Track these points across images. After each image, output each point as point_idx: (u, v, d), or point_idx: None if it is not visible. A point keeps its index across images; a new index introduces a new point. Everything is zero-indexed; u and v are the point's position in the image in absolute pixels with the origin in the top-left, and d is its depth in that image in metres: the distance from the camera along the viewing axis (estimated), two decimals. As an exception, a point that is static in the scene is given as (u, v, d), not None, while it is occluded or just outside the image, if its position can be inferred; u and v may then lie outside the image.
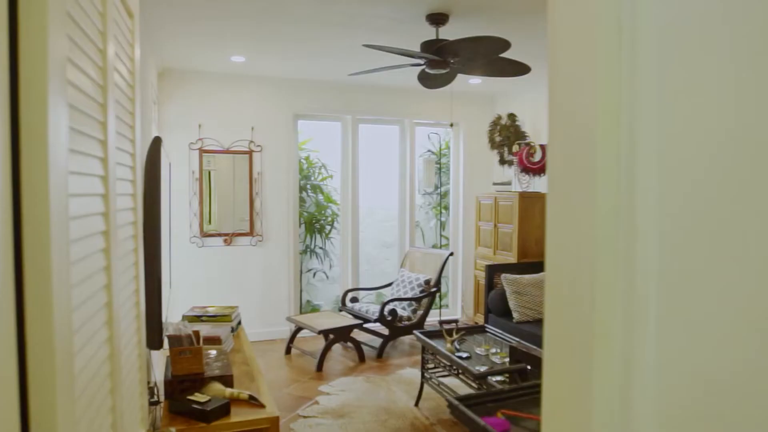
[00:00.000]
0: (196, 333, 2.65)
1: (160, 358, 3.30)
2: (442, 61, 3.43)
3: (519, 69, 3.58)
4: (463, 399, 1.76)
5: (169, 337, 2.51)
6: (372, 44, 3.22)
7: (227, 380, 2.53)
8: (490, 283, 4.95)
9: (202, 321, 3.40)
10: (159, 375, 3.18)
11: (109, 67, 1.13)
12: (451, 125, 6.10)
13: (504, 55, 3.50)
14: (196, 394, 2.34)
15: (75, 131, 0.89)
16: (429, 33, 3.68)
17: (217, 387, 2.45)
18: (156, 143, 2.14)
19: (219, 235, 5.43)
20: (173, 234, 5.16)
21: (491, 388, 2.69)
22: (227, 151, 5.41)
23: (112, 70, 1.17)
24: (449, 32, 3.70)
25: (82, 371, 0.91)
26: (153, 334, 2.15)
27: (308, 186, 6.60)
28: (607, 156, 0.91)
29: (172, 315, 4.60)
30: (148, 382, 2.67)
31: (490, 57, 3.37)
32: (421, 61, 3.57)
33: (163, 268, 2.85)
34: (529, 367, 2.65)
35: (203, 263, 5.39)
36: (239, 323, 3.64)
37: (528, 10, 3.40)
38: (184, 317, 3.41)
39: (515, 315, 4.52)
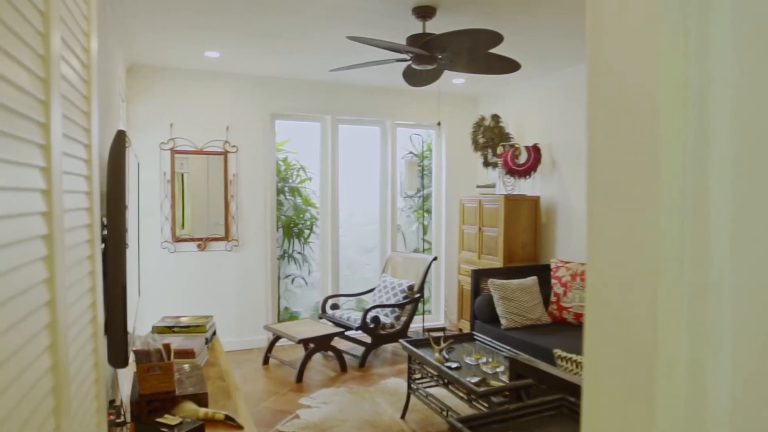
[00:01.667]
0: (167, 346, 2.42)
1: (127, 373, 3.05)
2: (429, 56, 3.26)
3: (509, 66, 3.44)
4: (466, 420, 1.59)
5: (136, 353, 2.28)
6: (356, 36, 3.03)
7: (201, 399, 2.31)
8: (477, 289, 4.80)
9: (174, 332, 3.16)
10: (127, 391, 2.94)
11: (52, 33, 0.92)
12: (439, 124, 5.95)
13: (493, 50, 3.36)
14: (166, 415, 2.12)
15: (-2, 105, 0.69)
16: (415, 27, 3.52)
17: (189, 407, 2.22)
18: (120, 137, 1.92)
19: (192, 239, 5.17)
20: (143, 238, 4.89)
21: (494, 406, 2.51)
22: (201, 152, 5.16)
23: (57, 37, 0.96)
24: (436, 27, 3.54)
25: (9, 417, 0.70)
26: (117, 351, 1.93)
27: (286, 188, 6.37)
28: (672, 135, 0.74)
29: (142, 326, 4.34)
30: (113, 401, 2.43)
31: (480, 52, 3.22)
32: (407, 57, 3.40)
33: (130, 276, 2.61)
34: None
35: (175, 269, 5.12)
36: (214, 334, 3.41)
37: (520, 2, 3.26)
38: (154, 328, 3.17)
39: (503, 321, 4.37)
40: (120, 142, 1.90)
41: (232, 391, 2.66)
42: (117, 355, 1.94)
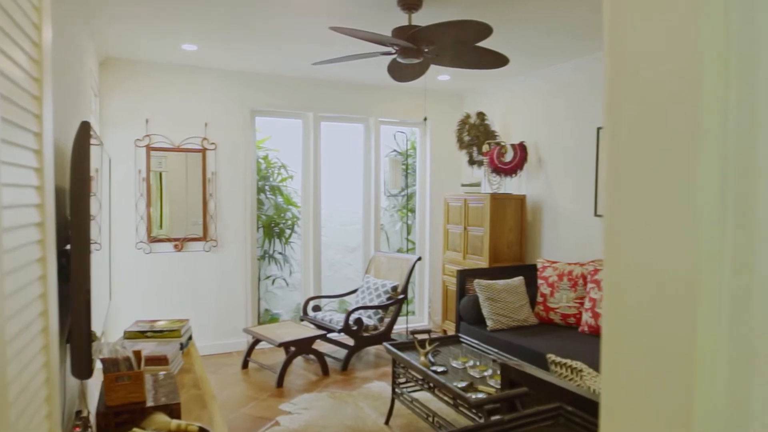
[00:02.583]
0: (137, 353, 2.27)
1: (97, 382, 2.89)
2: (415, 49, 3.15)
3: (497, 60, 3.34)
4: (458, 434, 1.48)
5: (103, 361, 2.13)
6: (339, 27, 2.91)
7: (173, 409, 2.17)
8: (462, 290, 4.70)
9: (147, 337, 3.00)
10: (95, 401, 2.77)
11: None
12: (425, 119, 5.83)
13: (481, 44, 3.26)
14: (135, 429, 1.97)
15: None
16: (401, 19, 3.40)
17: (160, 419, 2.08)
18: (84, 128, 1.77)
19: (169, 240, 4.99)
20: (116, 239, 4.71)
21: (485, 413, 2.40)
22: (178, 149, 4.99)
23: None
24: (422, 19, 3.43)
25: None
26: (80, 361, 1.79)
27: (267, 187, 6.22)
28: (713, 121, 0.64)
29: (114, 332, 4.16)
30: (80, 412, 2.28)
31: (468, 45, 3.11)
32: (392, 50, 3.28)
33: (101, 278, 2.45)
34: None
35: (151, 271, 4.94)
36: (190, 338, 3.25)
37: (507, -4, 3.16)
38: (126, 334, 3.00)
39: (489, 323, 4.27)
40: (84, 133, 1.76)
41: (208, 399, 2.52)
42: (80, 366, 1.80)
